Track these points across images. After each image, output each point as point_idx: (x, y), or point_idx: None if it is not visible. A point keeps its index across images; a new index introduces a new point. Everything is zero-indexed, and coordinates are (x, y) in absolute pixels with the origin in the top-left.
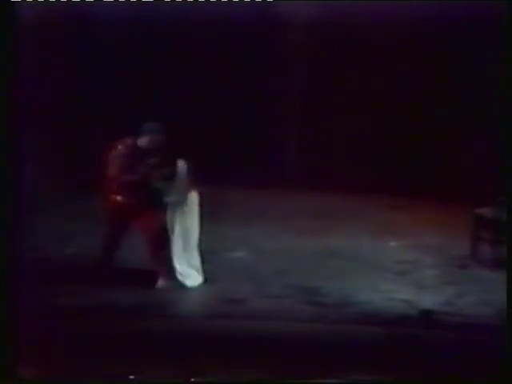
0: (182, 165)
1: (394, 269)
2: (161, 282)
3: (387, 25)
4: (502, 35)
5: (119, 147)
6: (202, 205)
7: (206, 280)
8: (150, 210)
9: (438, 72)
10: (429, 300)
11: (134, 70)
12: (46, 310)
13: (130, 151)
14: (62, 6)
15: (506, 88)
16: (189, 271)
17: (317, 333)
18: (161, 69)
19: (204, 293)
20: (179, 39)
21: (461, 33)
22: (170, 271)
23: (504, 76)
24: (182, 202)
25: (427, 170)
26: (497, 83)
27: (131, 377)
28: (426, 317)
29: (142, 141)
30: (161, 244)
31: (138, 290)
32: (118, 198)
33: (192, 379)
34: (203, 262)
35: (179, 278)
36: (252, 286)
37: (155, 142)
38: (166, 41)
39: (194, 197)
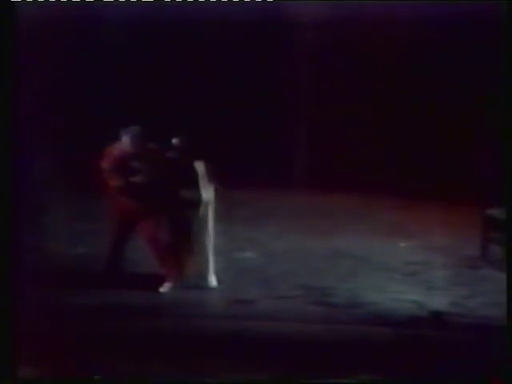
0: (200, 166)
1: (404, 270)
2: (166, 286)
3: (386, 25)
4: (502, 35)
5: (107, 152)
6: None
7: (221, 280)
8: (149, 216)
9: (445, 73)
10: (438, 301)
11: (136, 70)
12: (47, 310)
13: (114, 156)
14: (62, 5)
15: (507, 88)
16: (207, 273)
17: (326, 333)
18: (167, 69)
19: (213, 293)
20: (184, 39)
21: (461, 33)
22: (187, 273)
23: (504, 76)
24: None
25: (437, 171)
26: (497, 83)
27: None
28: (436, 318)
29: (124, 145)
30: (167, 249)
31: (145, 291)
32: (118, 201)
33: (202, 379)
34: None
35: (196, 280)
36: (261, 287)
37: (136, 146)
38: (168, 40)
39: (210, 195)
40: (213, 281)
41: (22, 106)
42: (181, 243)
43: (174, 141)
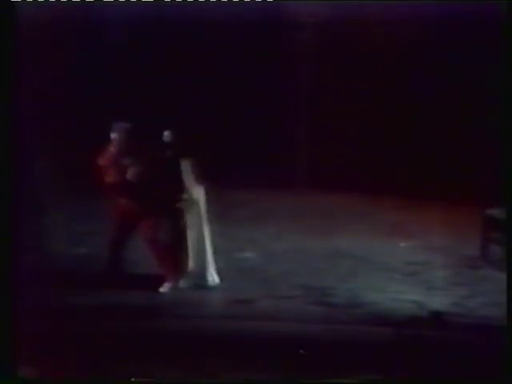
0: (186, 164)
1: (404, 270)
2: (166, 286)
3: (386, 25)
4: (502, 35)
5: (103, 149)
6: (208, 201)
7: (221, 280)
8: (148, 216)
9: (445, 73)
10: (438, 301)
11: (136, 70)
12: (47, 310)
13: (108, 153)
14: (62, 5)
15: (507, 88)
16: (205, 272)
17: (326, 333)
18: (168, 69)
19: (213, 293)
20: (184, 38)
21: (461, 33)
22: (185, 273)
23: (504, 76)
24: (193, 201)
25: (437, 171)
26: (497, 83)
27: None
28: (436, 318)
29: (115, 141)
30: (165, 249)
31: (145, 291)
32: (117, 200)
33: (202, 379)
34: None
35: (195, 279)
36: (261, 287)
37: (126, 143)
38: (169, 40)
39: (200, 194)
40: (213, 279)
41: (22, 106)
42: (176, 243)
43: (169, 139)
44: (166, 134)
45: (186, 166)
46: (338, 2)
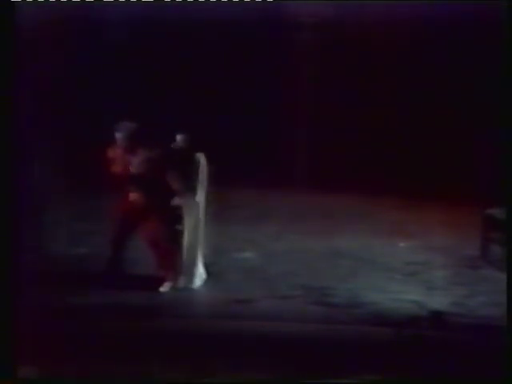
0: (202, 159)
1: (404, 270)
2: (166, 286)
3: (386, 25)
4: (502, 35)
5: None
6: (208, 203)
7: (209, 275)
8: (151, 216)
9: (445, 73)
10: (438, 301)
11: (135, 70)
12: (47, 310)
13: (112, 150)
14: (62, 5)
15: (507, 87)
16: (198, 270)
17: (326, 333)
18: (168, 69)
19: (213, 293)
20: (184, 38)
21: (461, 33)
22: (184, 272)
23: (504, 76)
24: (193, 203)
25: (437, 171)
26: (497, 83)
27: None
28: (436, 318)
29: (118, 139)
30: (165, 249)
31: (145, 291)
32: (120, 200)
33: (202, 379)
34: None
35: (193, 278)
36: (261, 287)
37: (129, 142)
38: (169, 40)
39: (201, 196)
40: (197, 281)
41: (22, 106)
42: (173, 245)
43: (168, 139)
44: (166, 134)
45: (189, 168)
46: (337, 2)
